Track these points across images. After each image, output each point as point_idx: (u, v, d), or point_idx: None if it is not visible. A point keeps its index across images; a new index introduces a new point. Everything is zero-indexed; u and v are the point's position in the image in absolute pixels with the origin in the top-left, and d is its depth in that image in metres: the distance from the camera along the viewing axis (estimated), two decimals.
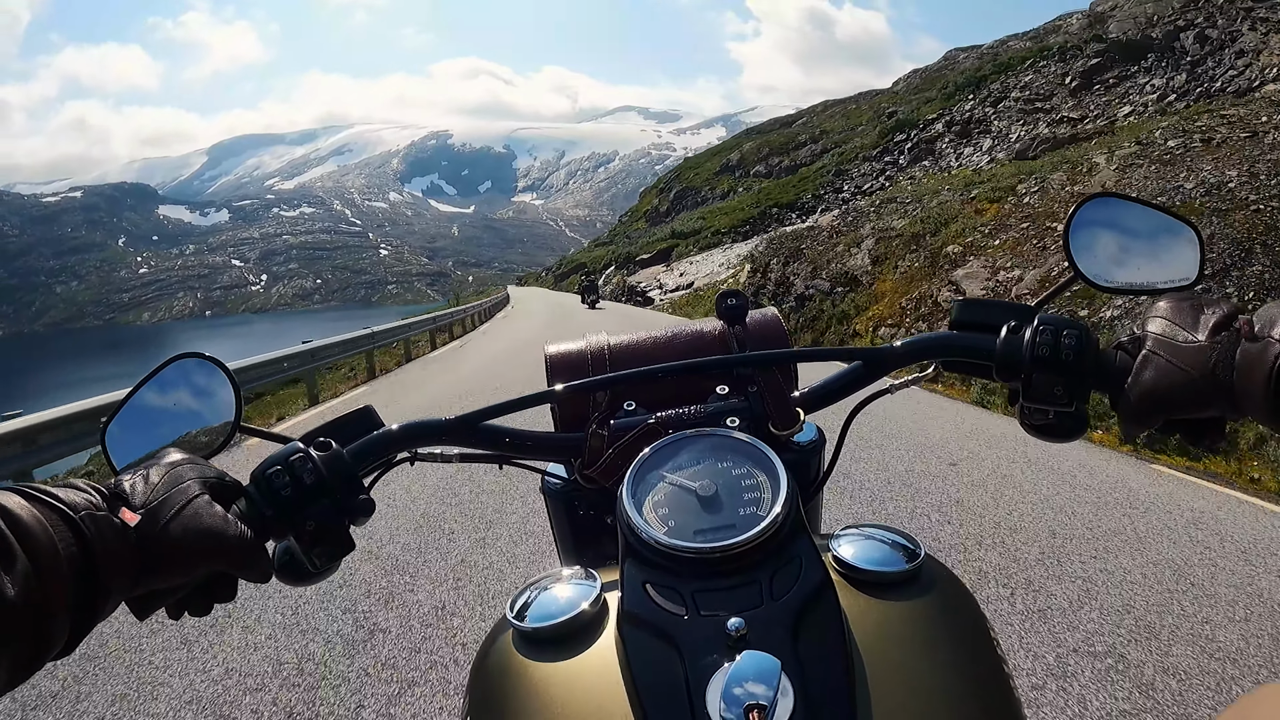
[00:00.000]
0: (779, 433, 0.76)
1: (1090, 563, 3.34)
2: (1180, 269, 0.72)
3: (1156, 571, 3.24)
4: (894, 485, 4.52)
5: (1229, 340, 0.56)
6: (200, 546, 0.53)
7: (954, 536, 3.69)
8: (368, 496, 0.65)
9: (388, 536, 3.96)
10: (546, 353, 0.92)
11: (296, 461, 0.62)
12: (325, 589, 3.26)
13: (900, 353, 0.76)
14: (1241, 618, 2.83)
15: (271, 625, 3.02)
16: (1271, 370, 0.52)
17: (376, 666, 2.67)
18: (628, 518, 0.62)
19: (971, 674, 0.58)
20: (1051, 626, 2.76)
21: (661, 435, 0.72)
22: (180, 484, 0.55)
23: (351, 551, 0.63)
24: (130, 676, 2.69)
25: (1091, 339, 0.65)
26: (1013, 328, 0.69)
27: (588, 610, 0.61)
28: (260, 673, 2.66)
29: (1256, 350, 0.54)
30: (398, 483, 4.69)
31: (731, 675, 0.49)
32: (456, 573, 3.49)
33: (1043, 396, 0.65)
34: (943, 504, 4.18)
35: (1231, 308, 0.59)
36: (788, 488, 0.62)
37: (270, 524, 0.60)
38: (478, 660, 0.66)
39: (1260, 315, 0.55)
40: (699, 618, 0.55)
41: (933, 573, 0.65)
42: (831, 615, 0.56)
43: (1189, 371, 0.58)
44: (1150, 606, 2.92)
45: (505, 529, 4.01)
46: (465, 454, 0.79)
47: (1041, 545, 3.54)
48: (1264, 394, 0.53)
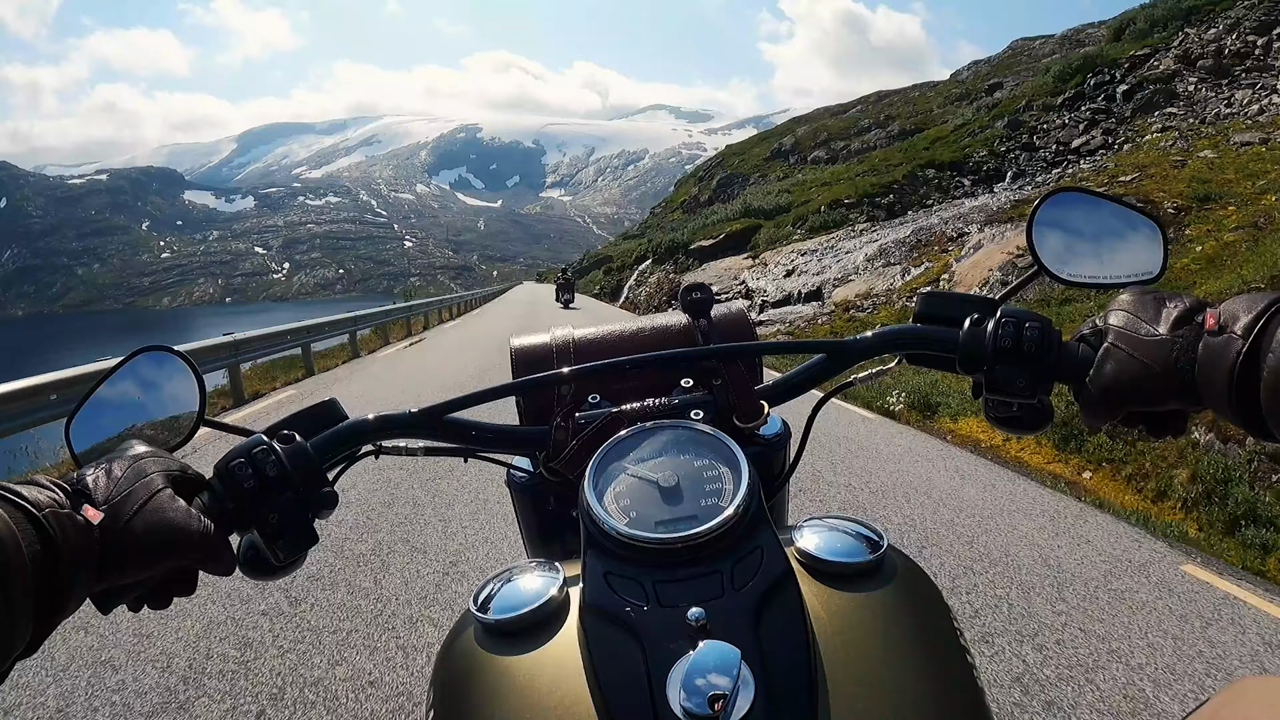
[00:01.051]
0: (743, 425, 0.78)
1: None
2: (1143, 264, 0.73)
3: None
4: None
5: (1191, 334, 0.57)
6: (164, 542, 0.52)
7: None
8: (331, 489, 0.64)
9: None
10: (511, 345, 0.93)
11: (259, 454, 0.61)
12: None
13: (864, 344, 0.77)
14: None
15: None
16: (1234, 365, 0.52)
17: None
18: (589, 509, 0.62)
19: (934, 665, 0.58)
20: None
21: (625, 427, 0.71)
22: (143, 478, 0.55)
23: (315, 544, 0.62)
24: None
25: (1053, 331, 0.66)
26: (975, 320, 0.69)
27: (551, 602, 0.61)
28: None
29: (1219, 344, 0.54)
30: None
31: (692, 665, 0.49)
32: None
33: (1006, 388, 0.66)
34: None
35: (1194, 302, 0.59)
36: (749, 479, 0.62)
37: (233, 517, 0.60)
38: (442, 653, 0.66)
39: (1224, 309, 0.55)
40: (659, 608, 0.55)
41: (895, 564, 0.65)
42: (793, 605, 0.56)
43: (1150, 365, 0.58)
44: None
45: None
46: (430, 447, 0.79)
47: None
48: (1225, 388, 0.53)
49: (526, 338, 0.94)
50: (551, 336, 0.93)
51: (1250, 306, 0.54)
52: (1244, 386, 0.52)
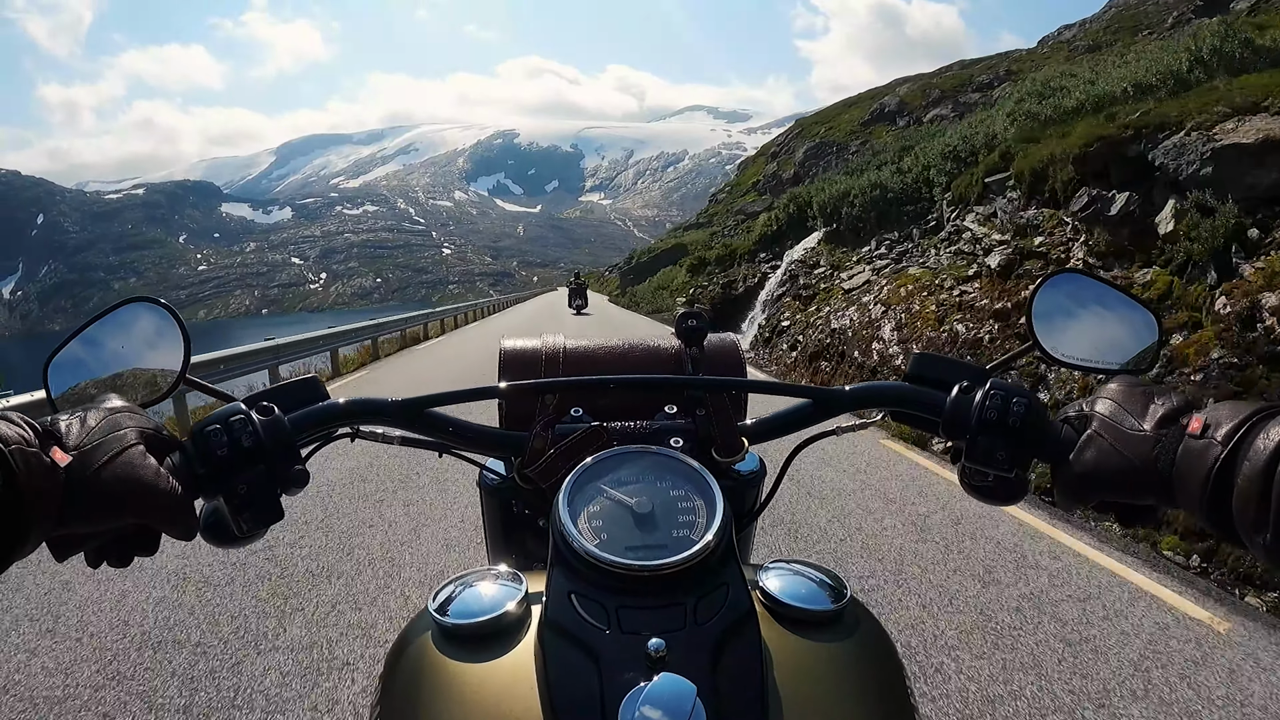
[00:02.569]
0: (721, 459, 0.77)
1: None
2: (1136, 353, 0.74)
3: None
4: None
5: (1173, 435, 0.57)
6: (128, 496, 0.52)
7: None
8: (303, 468, 0.63)
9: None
10: (502, 347, 0.93)
11: (236, 423, 0.60)
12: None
13: (850, 397, 0.77)
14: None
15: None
16: (1210, 471, 0.52)
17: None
18: (561, 525, 0.61)
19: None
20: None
21: (603, 444, 0.72)
22: (117, 431, 0.54)
23: (280, 520, 0.61)
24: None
25: (1040, 409, 0.66)
26: (964, 388, 0.69)
27: (511, 612, 0.61)
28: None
29: (1199, 448, 0.54)
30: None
31: (646, 695, 0.49)
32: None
33: (985, 459, 0.65)
34: None
35: (1182, 401, 0.59)
36: (723, 515, 0.62)
37: (202, 482, 0.59)
38: (394, 649, 0.65)
39: (1209, 414, 0.55)
40: (620, 634, 0.55)
41: (856, 615, 0.65)
42: (752, 646, 0.56)
43: (1130, 459, 0.58)
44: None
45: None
46: (407, 438, 0.79)
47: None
48: (1200, 492, 0.53)
49: (518, 341, 0.94)
50: (543, 343, 0.92)
51: (1234, 414, 0.54)
52: (1218, 492, 0.52)
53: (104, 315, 0.71)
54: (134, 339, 0.71)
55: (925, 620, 3.16)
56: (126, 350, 0.71)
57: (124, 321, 0.71)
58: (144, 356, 0.71)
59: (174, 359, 0.71)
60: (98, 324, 0.70)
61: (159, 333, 0.72)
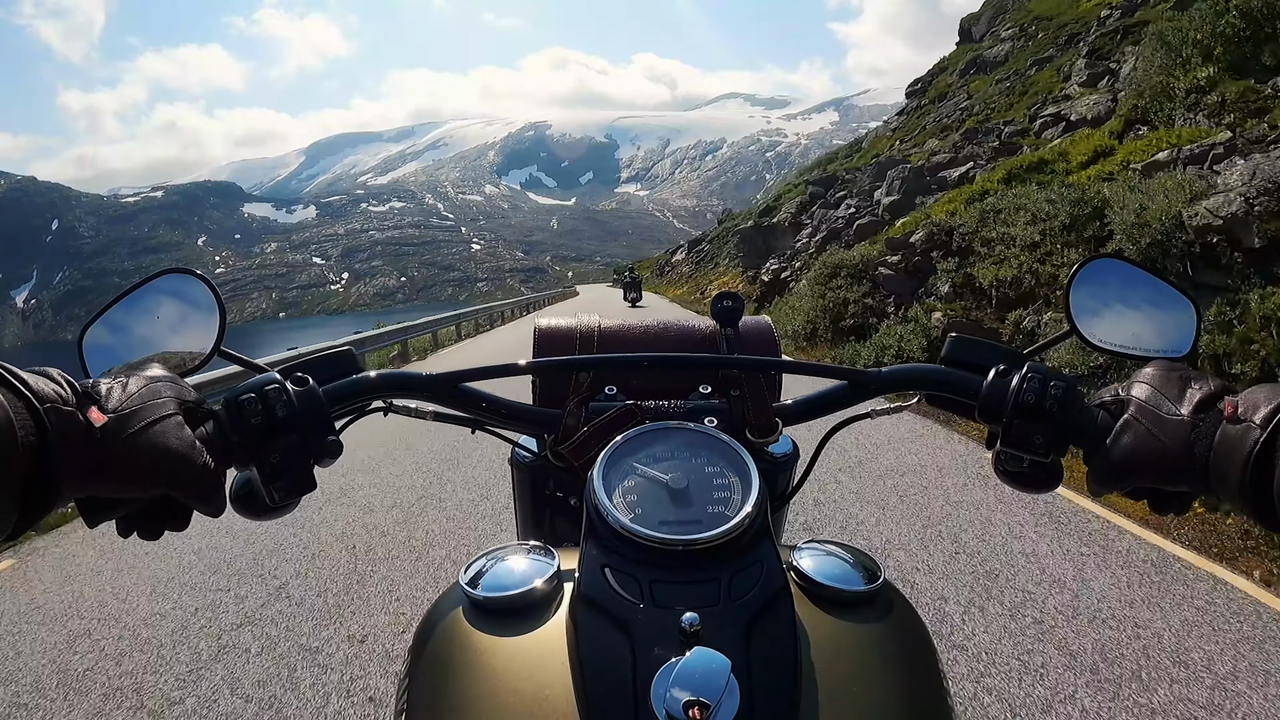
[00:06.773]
0: (755, 440, 0.76)
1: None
2: (1173, 340, 0.73)
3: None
4: None
5: (1211, 419, 0.56)
6: (160, 464, 0.52)
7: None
8: (337, 438, 0.63)
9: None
10: (536, 325, 0.92)
11: (271, 392, 0.60)
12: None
13: (885, 379, 0.76)
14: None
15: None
16: (1249, 455, 0.51)
17: None
18: (595, 500, 0.61)
19: (915, 705, 0.58)
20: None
21: (637, 422, 0.71)
22: (156, 399, 0.54)
23: (312, 491, 0.61)
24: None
25: (1077, 393, 0.65)
26: (1001, 371, 0.68)
27: (542, 587, 0.61)
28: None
29: (1236, 433, 0.53)
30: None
31: (680, 669, 0.48)
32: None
33: (1021, 444, 0.65)
34: None
35: (1219, 386, 0.58)
36: (758, 492, 0.61)
37: (235, 450, 0.59)
38: (425, 622, 0.65)
39: (1244, 398, 0.54)
40: (654, 608, 0.54)
41: (890, 598, 0.65)
42: (786, 624, 0.55)
43: (1168, 444, 0.57)
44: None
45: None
46: (440, 413, 0.79)
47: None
48: (1238, 478, 0.52)
49: (552, 320, 0.92)
50: (578, 322, 0.91)
51: (1271, 397, 0.52)
52: (1258, 477, 0.51)
53: (140, 286, 0.70)
54: (169, 310, 0.70)
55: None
56: (161, 321, 0.70)
57: (161, 292, 0.70)
58: (179, 327, 0.70)
59: (210, 330, 0.70)
60: (133, 295, 0.70)
61: (194, 303, 0.71)
